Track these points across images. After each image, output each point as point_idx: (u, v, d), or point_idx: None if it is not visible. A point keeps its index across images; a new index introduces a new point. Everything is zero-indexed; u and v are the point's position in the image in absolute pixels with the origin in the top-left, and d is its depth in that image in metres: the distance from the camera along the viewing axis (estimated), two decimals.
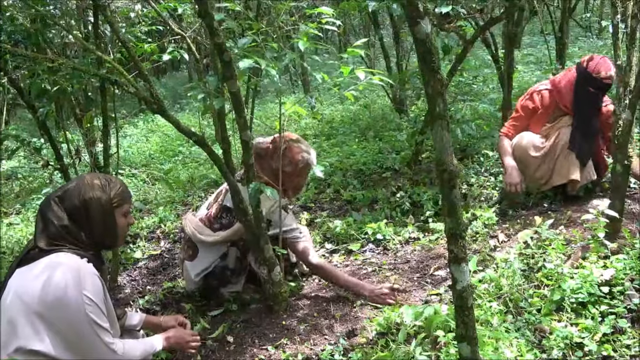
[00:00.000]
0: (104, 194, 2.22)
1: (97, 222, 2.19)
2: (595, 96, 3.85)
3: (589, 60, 3.80)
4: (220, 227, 3.30)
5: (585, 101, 3.85)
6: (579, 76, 3.83)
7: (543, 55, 8.83)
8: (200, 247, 3.34)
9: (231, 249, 3.31)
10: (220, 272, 3.31)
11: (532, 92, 4.09)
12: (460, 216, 1.88)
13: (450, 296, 2.66)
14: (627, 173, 3.13)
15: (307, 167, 3.36)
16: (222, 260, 3.31)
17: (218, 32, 2.62)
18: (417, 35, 1.73)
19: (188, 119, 9.56)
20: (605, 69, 3.74)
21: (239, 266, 3.34)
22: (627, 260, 2.78)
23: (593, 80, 3.77)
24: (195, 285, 3.37)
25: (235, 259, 3.32)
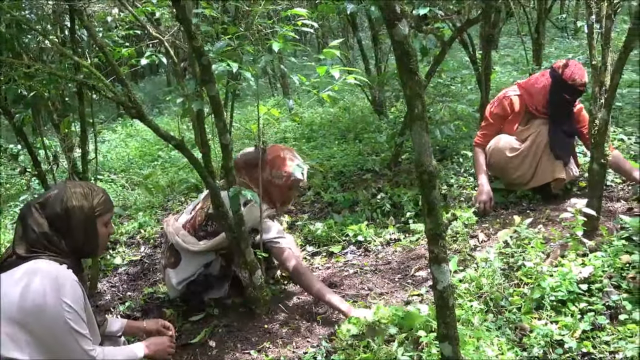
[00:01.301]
0: (87, 203, 2.20)
1: (78, 230, 2.18)
2: (570, 101, 3.93)
3: (564, 67, 3.85)
4: (205, 234, 3.26)
5: (560, 106, 3.93)
6: (554, 83, 3.90)
7: (520, 56, 8.90)
8: (183, 255, 3.29)
9: (216, 259, 3.28)
10: (204, 280, 3.28)
11: (501, 99, 4.15)
12: (440, 217, 1.89)
13: (432, 296, 2.67)
14: (604, 171, 3.17)
15: (298, 182, 3.35)
16: (206, 269, 3.27)
17: (196, 35, 2.61)
18: (395, 37, 1.73)
19: (167, 123, 9.51)
20: (580, 76, 3.82)
21: (223, 275, 3.31)
22: (605, 258, 2.81)
23: (569, 87, 3.84)
24: (177, 292, 3.33)
25: (220, 267, 3.29)
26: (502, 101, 4.13)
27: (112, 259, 4.32)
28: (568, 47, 9.29)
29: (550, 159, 3.95)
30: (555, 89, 3.89)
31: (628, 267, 2.77)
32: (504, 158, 4.02)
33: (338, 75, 2.91)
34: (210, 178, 2.90)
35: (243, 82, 2.99)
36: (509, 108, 4.09)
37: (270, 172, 3.28)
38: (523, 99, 4.06)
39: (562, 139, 3.95)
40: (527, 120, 4.05)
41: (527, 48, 7.85)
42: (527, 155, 3.96)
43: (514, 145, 4.00)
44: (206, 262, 3.26)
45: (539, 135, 3.95)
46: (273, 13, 7.20)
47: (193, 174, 5.73)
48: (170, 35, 4.73)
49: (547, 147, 3.94)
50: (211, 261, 3.26)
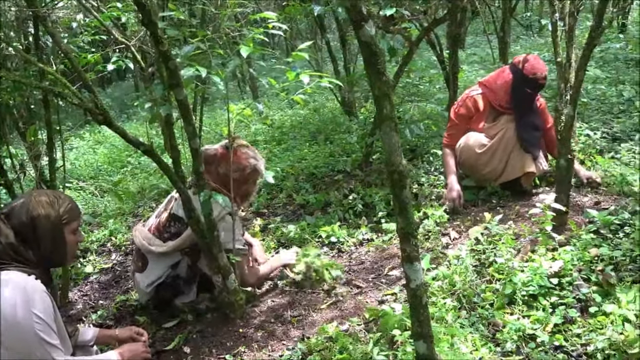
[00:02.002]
0: (53, 211, 2.17)
1: (46, 239, 2.14)
2: (532, 95, 4.01)
3: (524, 62, 3.93)
4: (169, 236, 3.24)
5: (523, 100, 4.01)
6: (516, 78, 3.97)
7: (486, 55, 9.00)
8: (150, 258, 3.27)
9: (182, 259, 3.26)
10: (172, 282, 3.26)
11: (465, 99, 4.21)
12: (411, 216, 1.90)
13: (405, 295, 2.69)
14: (570, 167, 3.22)
15: (255, 174, 3.35)
16: (174, 270, 3.25)
17: (163, 40, 2.59)
18: (362, 38, 1.74)
19: (136, 129, 9.41)
20: (540, 70, 3.91)
21: (190, 274, 3.29)
22: (575, 252, 2.86)
23: (530, 82, 3.92)
24: (147, 296, 3.31)
25: (186, 267, 3.28)
26: (465, 101, 4.19)
27: (83, 268, 4.26)
28: (533, 45, 9.41)
29: (520, 154, 4.00)
30: (517, 84, 3.97)
31: (597, 260, 2.82)
32: (474, 155, 4.06)
33: (308, 80, 2.91)
34: (181, 183, 2.88)
35: (212, 86, 2.97)
36: (472, 107, 4.15)
37: (226, 166, 3.25)
38: (486, 96, 4.12)
39: (530, 132, 4.03)
40: (494, 117, 4.11)
41: (494, 46, 7.95)
42: (497, 150, 4.01)
43: (483, 142, 4.05)
44: (173, 262, 3.25)
45: (507, 131, 4.01)
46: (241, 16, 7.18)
47: (163, 179, 5.68)
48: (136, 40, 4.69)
49: (516, 141, 4.00)
50: (178, 261, 3.25)
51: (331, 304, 3.16)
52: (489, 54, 8.49)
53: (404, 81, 6.01)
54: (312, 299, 3.23)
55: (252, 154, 3.34)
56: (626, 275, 2.66)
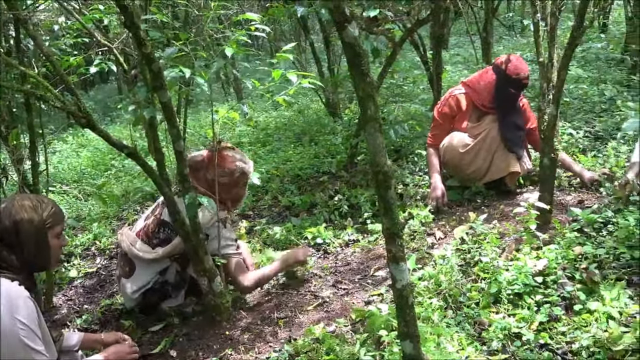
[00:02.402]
0: (36, 215, 2.15)
1: (29, 244, 2.13)
2: (516, 95, 4.05)
3: (507, 63, 3.97)
4: (158, 242, 3.21)
5: (507, 100, 4.04)
6: (500, 79, 4.01)
7: (470, 55, 9.04)
8: (137, 264, 3.24)
9: (171, 265, 3.24)
10: (160, 288, 3.24)
11: (447, 98, 4.24)
12: (396, 216, 1.91)
13: (392, 295, 2.69)
14: (554, 166, 3.24)
15: (244, 177, 3.33)
16: (162, 276, 3.23)
17: (145, 42, 2.57)
18: (345, 39, 1.74)
19: (119, 132, 9.36)
20: (523, 71, 3.96)
21: (179, 280, 3.27)
22: (559, 250, 2.88)
23: (513, 82, 3.97)
24: (134, 302, 3.28)
25: (175, 273, 3.25)
26: (448, 101, 4.22)
27: (67, 272, 4.22)
28: (516, 45, 9.48)
29: (504, 153, 4.03)
30: (501, 84, 4.00)
31: (581, 258, 2.84)
32: (457, 154, 4.09)
33: (295, 79, 2.92)
34: (165, 186, 2.87)
35: (196, 88, 2.96)
36: (455, 107, 4.18)
37: (213, 171, 3.24)
38: (469, 96, 4.15)
39: (514, 131, 4.06)
40: (477, 117, 4.14)
41: (477, 47, 7.97)
42: (481, 149, 4.04)
43: (466, 142, 4.08)
44: (161, 268, 3.22)
45: (491, 131, 4.03)
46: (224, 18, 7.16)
47: (148, 182, 5.65)
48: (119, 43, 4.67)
49: (500, 141, 4.03)
50: (166, 267, 3.22)
51: (318, 305, 3.16)
52: (472, 54, 8.52)
53: (388, 82, 6.03)
54: (299, 301, 3.23)
55: (239, 157, 3.32)
56: (610, 273, 2.68)
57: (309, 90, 4.21)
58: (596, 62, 7.07)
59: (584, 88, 5.91)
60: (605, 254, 2.81)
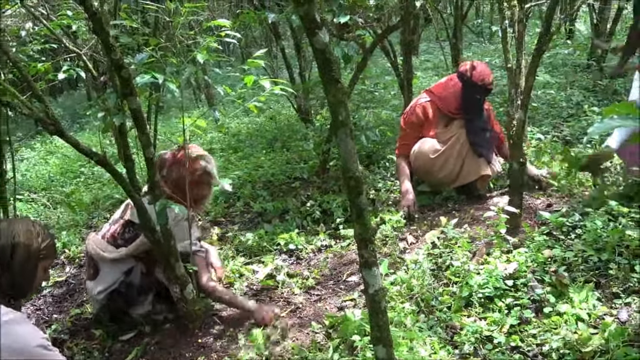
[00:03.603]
0: (35, 243, 2.15)
1: (18, 268, 2.11)
2: (482, 100, 4.15)
3: (472, 70, 4.04)
4: (124, 242, 3.19)
5: (473, 106, 4.13)
6: (466, 86, 4.09)
7: (440, 61, 9.14)
8: (102, 265, 3.21)
9: (136, 266, 3.21)
10: (125, 290, 3.20)
11: (414, 107, 4.29)
12: (368, 221, 1.91)
13: (364, 301, 2.70)
14: (523, 170, 3.28)
15: (207, 176, 3.31)
16: (127, 277, 3.20)
17: (114, 48, 2.55)
18: (316, 46, 1.75)
19: (89, 139, 9.25)
20: (487, 77, 4.06)
21: (145, 283, 3.24)
22: (528, 253, 2.92)
23: (479, 88, 4.06)
24: (99, 304, 3.24)
25: (140, 275, 3.22)
26: (415, 110, 4.27)
27: None
28: (485, 51, 9.60)
29: (474, 157, 4.09)
30: (467, 90, 4.08)
31: (550, 261, 2.88)
32: (428, 160, 4.12)
33: (269, 85, 2.91)
34: (136, 193, 2.84)
35: (166, 94, 2.94)
36: (422, 115, 4.23)
37: (178, 170, 3.22)
38: (434, 103, 4.21)
39: (482, 136, 4.12)
40: (445, 123, 4.20)
41: (446, 53, 8.06)
42: (451, 154, 4.08)
43: (436, 147, 4.12)
44: (126, 269, 3.19)
45: (460, 136, 4.09)
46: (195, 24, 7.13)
47: (118, 189, 5.59)
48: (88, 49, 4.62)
49: (467, 146, 4.08)
50: (131, 268, 3.19)
51: (291, 311, 3.15)
52: (442, 60, 8.62)
53: (359, 88, 6.05)
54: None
55: (202, 157, 3.33)
56: (578, 275, 2.72)
57: (281, 96, 4.20)
58: (563, 68, 7.20)
59: (552, 93, 6.01)
60: (573, 256, 2.85)
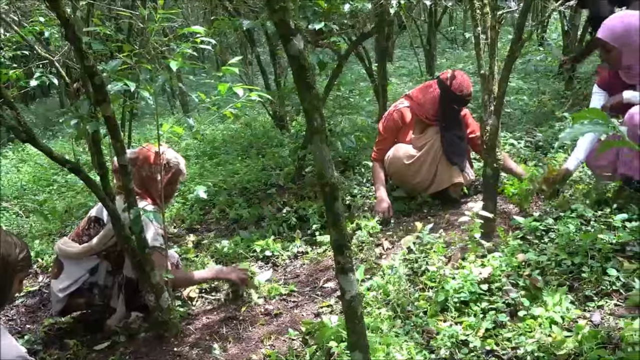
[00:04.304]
0: (13, 254, 2.12)
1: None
2: (459, 110, 4.19)
3: (452, 79, 4.07)
4: (88, 238, 3.20)
5: (450, 115, 4.16)
6: (444, 95, 4.13)
7: (414, 67, 9.20)
8: (66, 263, 3.21)
9: (101, 264, 3.19)
10: (89, 288, 3.18)
11: (392, 112, 4.33)
12: (344, 227, 1.92)
13: (341, 307, 2.70)
14: (497, 175, 3.32)
15: (178, 173, 3.38)
16: (92, 276, 3.18)
17: (88, 55, 2.53)
18: (290, 53, 1.75)
19: (62, 146, 9.15)
20: (467, 87, 4.10)
21: (111, 283, 3.21)
22: (503, 258, 2.94)
23: (457, 98, 4.10)
24: (60, 304, 3.20)
25: (105, 274, 3.20)
26: (393, 115, 4.30)
27: None
28: (458, 58, 9.69)
29: (448, 165, 4.12)
30: (445, 99, 4.12)
31: (524, 265, 2.90)
32: (403, 166, 4.15)
33: (242, 93, 2.91)
34: (110, 201, 2.82)
35: (140, 101, 2.93)
36: (400, 120, 4.26)
37: (149, 168, 3.25)
38: (413, 109, 4.24)
39: (457, 145, 4.15)
40: (421, 129, 4.23)
41: (421, 59, 8.13)
42: (425, 161, 4.11)
43: (411, 153, 4.15)
44: (90, 267, 3.18)
45: (435, 142, 4.13)
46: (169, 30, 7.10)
47: (91, 197, 5.52)
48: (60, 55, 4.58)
49: (441, 153, 4.12)
50: (96, 266, 3.18)
51: (267, 318, 3.14)
52: (417, 66, 8.69)
53: (334, 94, 6.06)
54: (248, 314, 3.21)
55: (173, 154, 3.36)
56: (552, 279, 2.75)
57: (256, 103, 4.20)
58: (535, 74, 7.29)
59: (524, 99, 6.08)
60: (547, 260, 2.88)
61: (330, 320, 2.73)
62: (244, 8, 5.76)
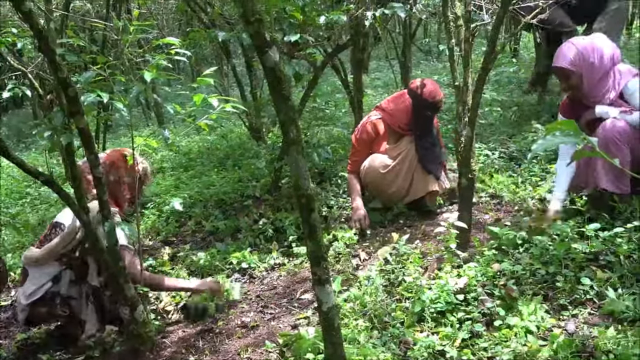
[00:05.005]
0: None
1: None
2: (432, 117, 4.25)
3: (422, 87, 4.12)
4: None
5: (423, 123, 4.21)
6: (416, 103, 4.18)
7: (389, 79, 9.25)
8: (30, 270, 3.19)
9: (64, 272, 3.16)
10: (51, 298, 3.14)
11: (365, 124, 4.37)
12: (320, 239, 1.92)
13: (318, 318, 2.69)
14: (472, 186, 3.34)
15: (146, 178, 3.45)
16: (55, 285, 3.14)
17: (61, 66, 2.51)
18: (266, 64, 1.76)
19: (35, 158, 9.04)
20: (438, 94, 4.16)
21: (76, 292, 3.17)
22: (478, 268, 2.96)
23: (430, 105, 4.15)
24: (24, 313, 3.17)
25: (69, 283, 3.17)
26: (366, 127, 4.33)
27: None
28: (433, 70, 9.78)
29: (423, 173, 4.15)
30: (418, 107, 4.16)
31: (499, 275, 2.93)
32: (378, 175, 4.17)
33: (217, 103, 2.91)
34: (84, 213, 2.79)
35: (115, 113, 2.91)
36: (373, 132, 4.30)
37: (116, 172, 3.29)
38: (385, 120, 4.28)
39: (431, 153, 4.20)
40: (395, 139, 4.27)
41: (396, 71, 8.18)
42: (401, 170, 4.14)
43: (386, 162, 4.18)
44: (52, 275, 3.16)
45: (409, 151, 4.16)
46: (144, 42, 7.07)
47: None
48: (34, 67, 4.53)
49: (416, 162, 4.15)
50: (59, 274, 3.15)
51: (244, 331, 3.12)
52: (392, 78, 8.74)
53: (311, 105, 6.07)
54: (224, 327, 3.19)
55: (141, 159, 3.39)
56: (527, 288, 2.78)
57: (232, 114, 4.19)
58: (509, 86, 7.38)
59: (498, 110, 6.15)
60: (522, 270, 2.91)
61: (307, 332, 2.73)
62: (219, 20, 5.76)
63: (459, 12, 3.28)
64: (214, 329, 3.17)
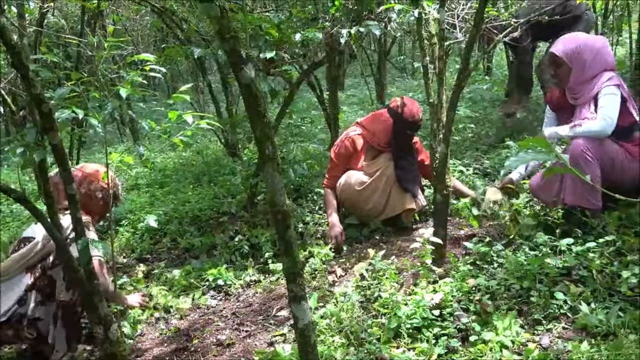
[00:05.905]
0: None
1: None
2: (411, 136, 4.28)
3: (402, 106, 4.16)
4: None
5: (402, 141, 4.25)
6: (397, 122, 4.21)
7: (365, 96, 9.31)
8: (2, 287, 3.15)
9: (30, 294, 3.10)
10: (18, 321, 3.08)
11: (343, 140, 4.39)
12: (296, 255, 1.92)
13: (294, 335, 2.68)
14: (447, 202, 3.37)
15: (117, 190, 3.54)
16: (20, 307, 3.09)
17: (35, 82, 2.49)
18: (242, 81, 1.76)
19: (7, 175, 8.91)
20: (417, 113, 4.20)
21: (43, 313, 3.12)
22: (454, 283, 2.98)
23: (409, 124, 4.19)
24: None
25: (35, 305, 3.11)
26: (344, 142, 4.35)
27: None
28: (408, 87, 9.86)
29: (400, 191, 4.17)
30: (398, 126, 4.18)
31: (475, 290, 2.95)
32: (354, 192, 4.19)
33: (192, 120, 2.91)
34: (57, 231, 2.75)
35: (89, 129, 2.88)
36: (352, 147, 4.32)
37: (89, 186, 3.37)
38: (365, 137, 4.30)
39: (409, 171, 4.22)
40: (372, 156, 4.29)
41: (371, 88, 8.25)
42: (377, 187, 4.16)
43: (363, 179, 4.19)
44: (17, 297, 3.10)
45: (387, 169, 4.18)
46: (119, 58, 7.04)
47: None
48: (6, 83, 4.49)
49: (393, 179, 4.17)
50: (24, 294, 3.10)
51: (220, 349, 3.10)
52: (367, 95, 8.81)
53: (287, 122, 6.10)
54: (199, 345, 3.16)
55: (112, 174, 3.39)
56: (502, 303, 2.80)
57: (208, 131, 4.19)
58: (482, 103, 7.48)
59: (472, 127, 6.23)
60: (497, 285, 2.93)
61: (283, 349, 2.72)
62: (195, 36, 5.77)
63: (433, 31, 3.33)
64: (189, 347, 3.13)
